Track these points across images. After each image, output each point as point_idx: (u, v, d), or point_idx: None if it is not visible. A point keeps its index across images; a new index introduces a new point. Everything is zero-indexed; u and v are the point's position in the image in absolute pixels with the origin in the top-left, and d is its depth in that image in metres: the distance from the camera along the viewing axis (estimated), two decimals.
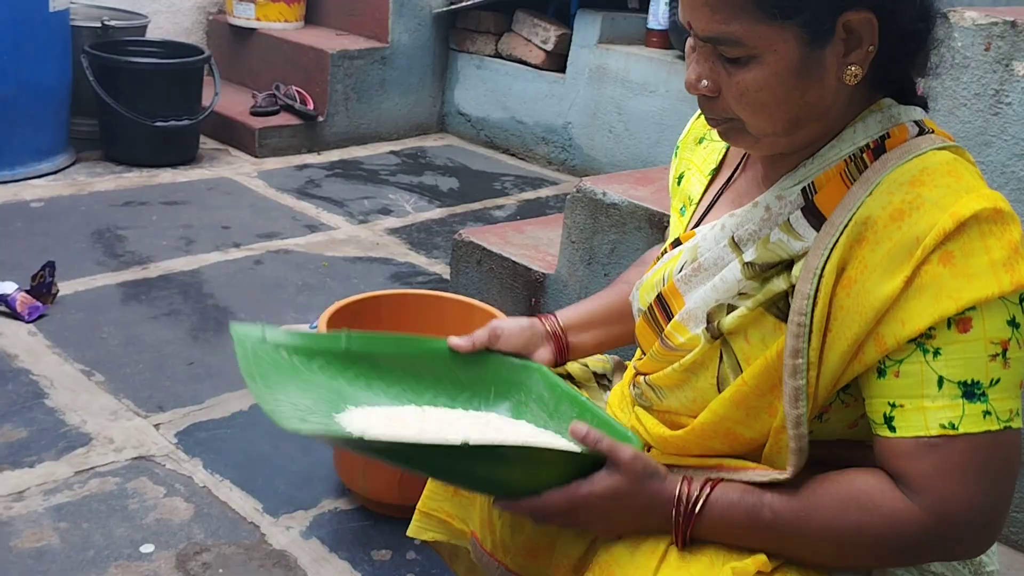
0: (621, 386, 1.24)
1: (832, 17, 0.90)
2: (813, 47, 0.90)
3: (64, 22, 3.51)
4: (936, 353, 0.89)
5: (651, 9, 3.70)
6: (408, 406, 1.16)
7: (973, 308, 0.88)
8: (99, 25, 3.76)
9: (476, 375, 1.22)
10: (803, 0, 0.87)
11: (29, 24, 3.32)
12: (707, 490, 0.97)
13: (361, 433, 0.96)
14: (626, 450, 0.97)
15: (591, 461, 0.97)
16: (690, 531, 0.97)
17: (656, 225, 2.10)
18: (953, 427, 0.89)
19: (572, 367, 1.29)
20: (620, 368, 1.35)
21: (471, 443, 0.90)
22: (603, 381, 1.32)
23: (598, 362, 1.34)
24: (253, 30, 4.31)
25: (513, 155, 4.21)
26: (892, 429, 0.91)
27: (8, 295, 2.46)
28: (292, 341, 1.15)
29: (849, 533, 0.92)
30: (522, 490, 0.98)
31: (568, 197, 2.30)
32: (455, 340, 1.21)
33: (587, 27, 3.83)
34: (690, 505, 0.97)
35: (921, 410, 0.90)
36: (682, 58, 3.52)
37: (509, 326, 1.23)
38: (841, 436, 1.02)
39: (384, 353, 1.20)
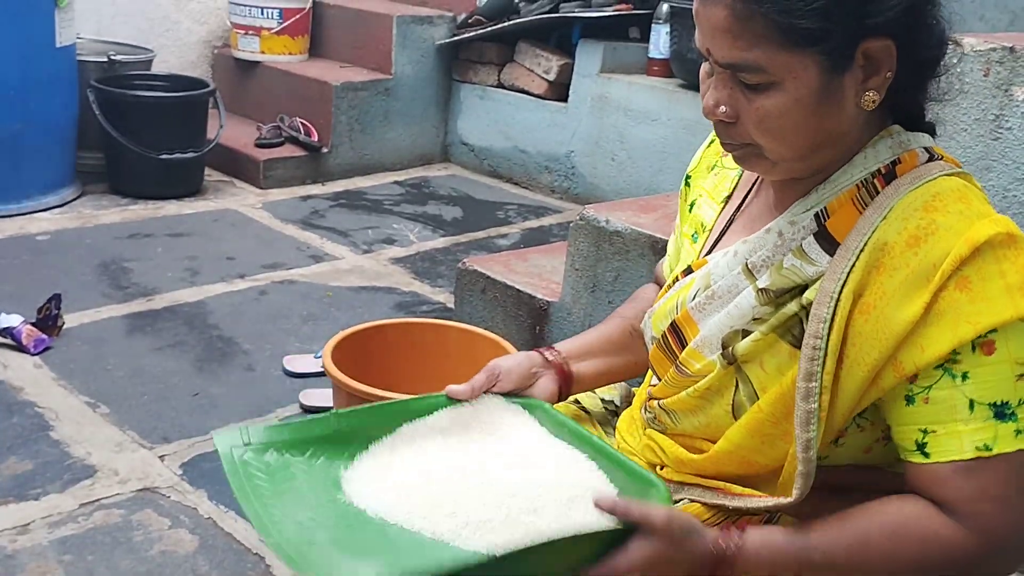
0: (631, 410, 1.24)
1: (853, 45, 0.91)
2: (833, 74, 0.92)
3: (71, 57, 3.55)
4: (964, 377, 0.90)
5: (652, 38, 3.72)
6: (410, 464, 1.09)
7: (995, 331, 0.89)
8: (105, 60, 3.79)
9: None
10: (825, 28, 0.89)
11: (36, 59, 3.36)
12: (742, 536, 0.94)
13: (389, 572, 0.89)
14: (659, 513, 0.92)
15: (623, 530, 0.93)
16: None
17: (659, 252, 2.10)
18: (988, 448, 0.89)
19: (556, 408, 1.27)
20: (628, 395, 1.35)
21: (498, 554, 0.86)
22: (610, 407, 1.32)
23: (605, 389, 1.34)
24: (258, 63, 4.35)
25: (516, 184, 4.23)
26: (926, 455, 0.92)
27: (14, 328, 2.47)
28: (281, 437, 1.09)
29: (908, 567, 0.92)
30: (553, 572, 0.93)
31: (572, 225, 2.31)
32: (454, 388, 1.16)
33: (589, 57, 3.86)
34: (727, 552, 0.94)
35: (955, 434, 0.90)
36: (684, 87, 3.57)
37: (507, 363, 1.19)
38: (855, 461, 1.02)
39: (377, 425, 1.13)
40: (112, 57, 3.81)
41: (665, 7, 3.61)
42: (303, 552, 0.91)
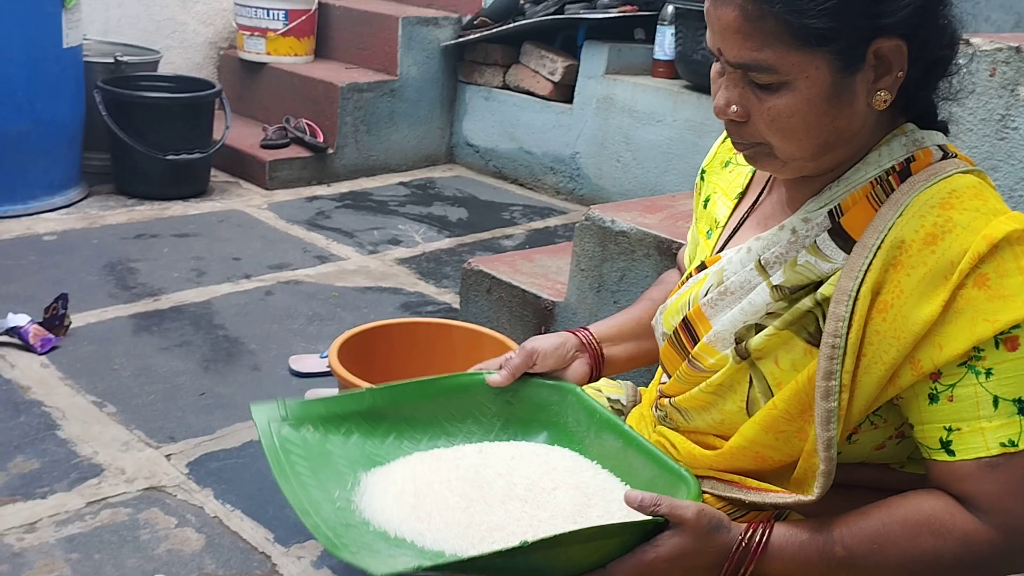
0: (640, 408, 1.24)
1: (864, 45, 0.91)
2: (844, 74, 0.92)
3: (77, 58, 3.55)
4: (988, 373, 0.90)
5: (657, 40, 3.72)
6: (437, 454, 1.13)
7: (1018, 326, 0.89)
8: (112, 61, 3.80)
9: (509, 405, 1.20)
10: (836, 28, 0.89)
11: (43, 60, 3.37)
12: (768, 531, 0.95)
13: (418, 565, 0.90)
14: (688, 508, 0.93)
15: (652, 523, 0.93)
16: (750, 571, 0.95)
17: (665, 252, 2.11)
18: (1013, 444, 0.90)
19: (587, 392, 1.29)
20: (634, 394, 1.35)
21: (530, 542, 0.86)
22: (616, 407, 1.33)
23: (612, 388, 1.34)
24: (264, 64, 4.36)
25: (521, 185, 4.23)
26: (951, 453, 0.92)
27: (21, 327, 2.48)
28: (317, 411, 1.12)
29: (926, 561, 0.92)
30: (583, 566, 0.94)
31: (577, 225, 2.31)
32: (494, 378, 1.19)
33: (594, 58, 3.87)
34: (751, 546, 0.95)
35: (980, 431, 0.90)
36: (689, 88, 3.57)
37: (543, 345, 1.22)
38: (867, 458, 1.02)
39: (411, 401, 1.17)
40: (118, 58, 3.82)
41: (670, 8, 3.61)
42: (339, 534, 0.95)
